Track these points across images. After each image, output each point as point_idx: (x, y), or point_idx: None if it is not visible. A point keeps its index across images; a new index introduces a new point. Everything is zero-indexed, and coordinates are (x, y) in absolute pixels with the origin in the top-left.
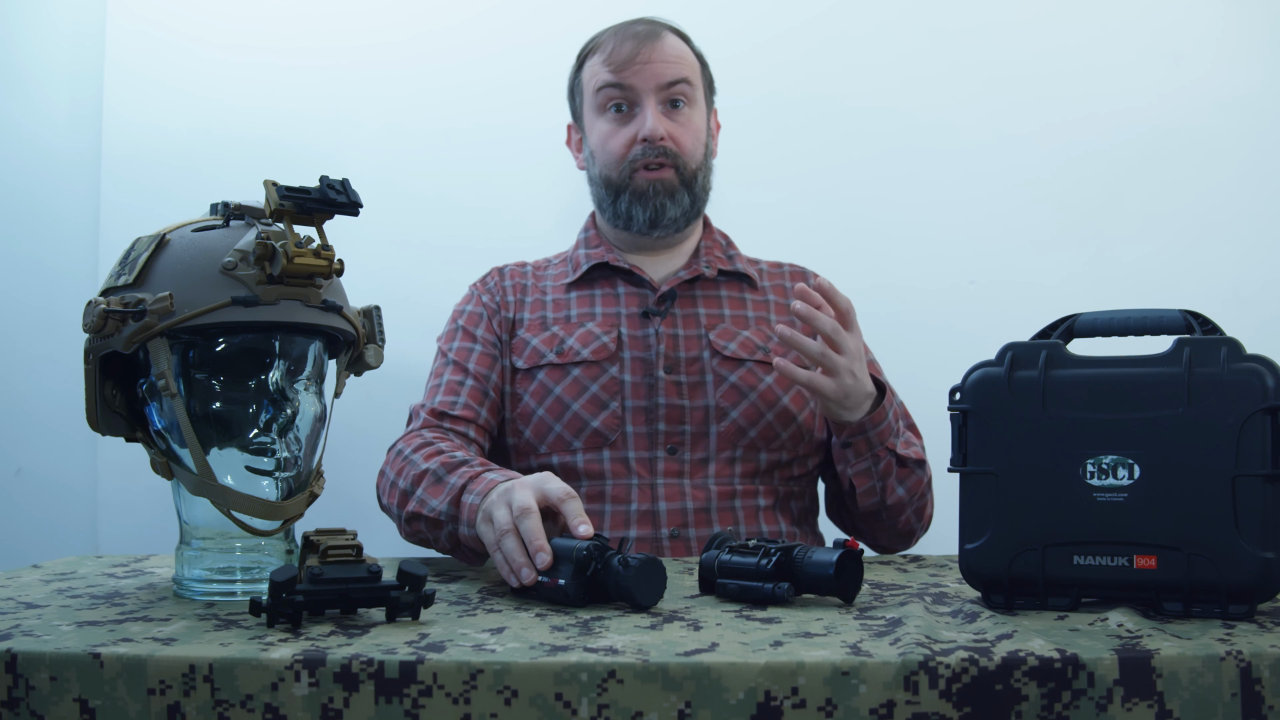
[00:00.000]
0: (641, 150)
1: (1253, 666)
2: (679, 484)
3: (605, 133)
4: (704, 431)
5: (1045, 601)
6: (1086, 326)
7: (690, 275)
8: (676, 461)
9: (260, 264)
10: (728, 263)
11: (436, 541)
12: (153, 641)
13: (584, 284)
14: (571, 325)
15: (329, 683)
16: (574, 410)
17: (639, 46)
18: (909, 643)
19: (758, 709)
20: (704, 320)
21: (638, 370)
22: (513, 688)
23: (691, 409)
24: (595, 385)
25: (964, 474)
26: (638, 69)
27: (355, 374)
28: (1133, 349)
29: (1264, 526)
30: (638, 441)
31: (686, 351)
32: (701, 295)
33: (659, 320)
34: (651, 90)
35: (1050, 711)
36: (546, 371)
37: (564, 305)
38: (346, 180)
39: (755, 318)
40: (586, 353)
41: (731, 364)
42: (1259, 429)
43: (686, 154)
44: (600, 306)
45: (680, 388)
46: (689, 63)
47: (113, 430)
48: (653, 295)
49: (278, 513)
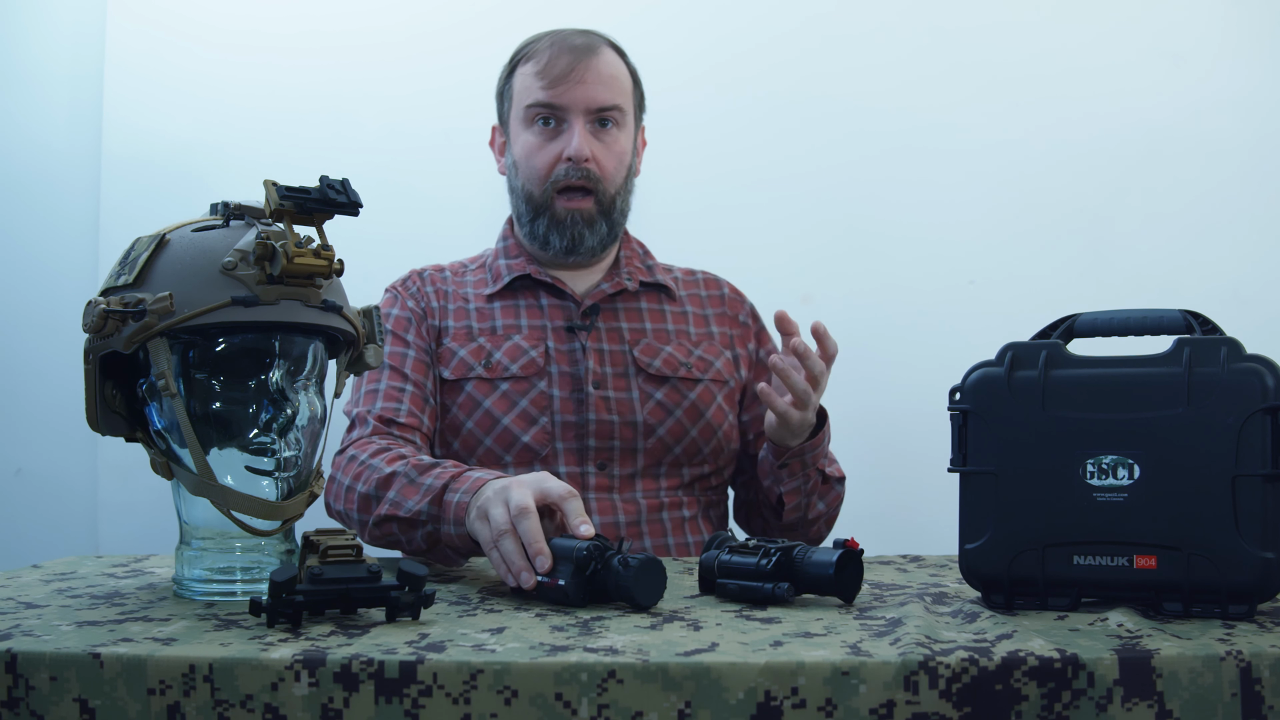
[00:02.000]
0: (565, 169)
1: (1253, 666)
2: (610, 498)
3: (530, 146)
4: (632, 447)
5: (1045, 601)
6: (1086, 326)
7: (613, 289)
8: (606, 476)
9: (260, 264)
10: (647, 274)
11: (410, 542)
12: (153, 641)
13: (507, 294)
14: (498, 337)
15: (329, 683)
16: (504, 425)
17: (574, 62)
18: (909, 643)
19: (758, 709)
20: (627, 335)
21: (566, 385)
22: (513, 688)
23: (621, 424)
24: (524, 400)
25: (964, 474)
26: (569, 88)
27: (355, 374)
28: (1133, 349)
29: (1264, 526)
30: (568, 457)
31: (613, 367)
32: (623, 308)
33: (585, 335)
34: (581, 111)
35: (1050, 711)
36: (475, 384)
37: (488, 315)
38: (346, 180)
39: (675, 330)
40: (515, 368)
41: (656, 381)
42: (1259, 429)
43: (608, 178)
44: (525, 318)
45: (609, 403)
46: (620, 85)
47: (113, 430)
48: (575, 309)
49: (278, 513)
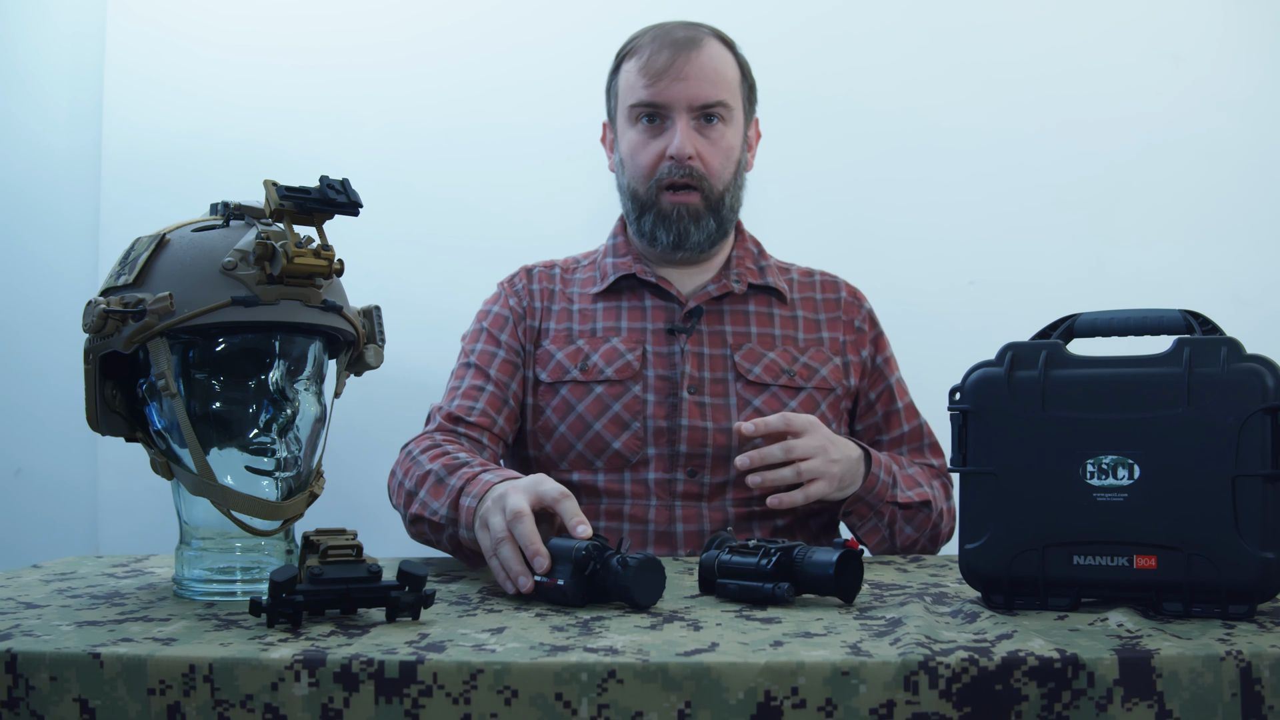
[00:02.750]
0: (669, 168)
1: (1253, 666)
2: (697, 507)
3: (634, 143)
4: (725, 455)
5: (1045, 601)
6: (1086, 326)
7: (719, 292)
8: (696, 484)
9: (260, 264)
10: (758, 275)
11: (439, 543)
12: (153, 641)
13: (611, 294)
14: (597, 340)
15: (329, 683)
16: (595, 430)
17: (675, 56)
18: (909, 643)
19: (758, 709)
20: (730, 339)
21: (661, 390)
22: (513, 688)
23: (715, 432)
24: (618, 405)
25: (964, 474)
26: (670, 84)
27: (355, 374)
28: (1133, 349)
29: (1264, 526)
30: (658, 463)
31: (711, 372)
32: (729, 311)
33: (684, 338)
34: (683, 108)
35: (1050, 711)
36: (569, 388)
37: (590, 317)
38: (346, 180)
39: (782, 336)
40: (610, 371)
41: (756, 388)
42: (1259, 429)
43: (714, 175)
44: (626, 320)
45: (704, 409)
46: (725, 80)
47: (113, 430)
48: (679, 310)
49: (278, 513)
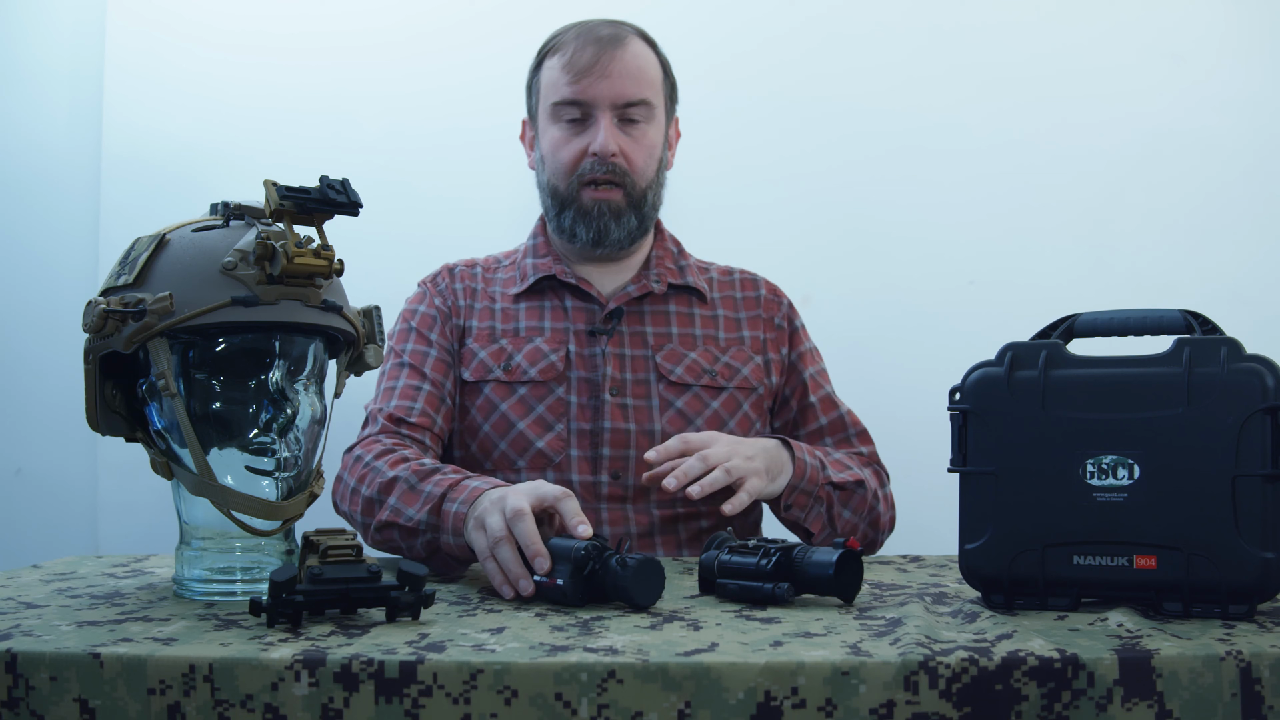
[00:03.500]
0: (591, 164)
1: (1253, 666)
2: (622, 509)
3: (556, 140)
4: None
5: (1045, 601)
6: (1086, 326)
7: (639, 292)
8: (620, 487)
9: (260, 264)
10: (678, 274)
11: (410, 550)
12: (153, 641)
13: (533, 295)
14: (520, 340)
15: (329, 683)
16: (519, 429)
17: (599, 53)
18: (909, 643)
19: (758, 709)
20: (651, 340)
21: (584, 392)
22: (513, 688)
23: (637, 433)
24: (541, 406)
25: (964, 474)
26: (594, 81)
27: (355, 374)
28: (1133, 349)
29: (1264, 526)
30: (581, 465)
31: (633, 373)
32: (650, 311)
33: (605, 340)
34: (607, 106)
35: (1050, 711)
36: (493, 387)
37: (512, 316)
38: (346, 180)
39: (703, 335)
40: (534, 372)
41: (677, 389)
42: (1259, 429)
43: (637, 172)
44: (549, 320)
45: (626, 411)
46: (649, 78)
47: (113, 430)
48: (600, 311)
49: (278, 513)
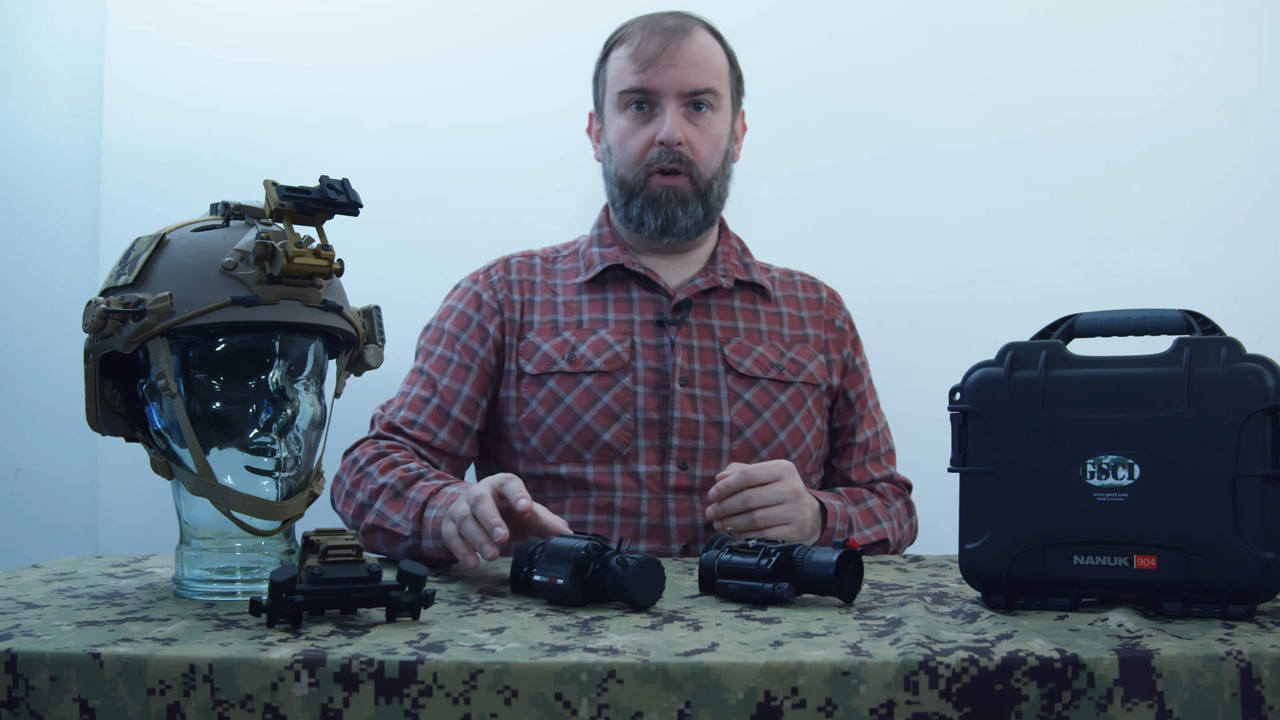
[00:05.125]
0: (658, 153)
1: (1253, 666)
2: (690, 500)
3: (623, 130)
4: (717, 448)
5: (1045, 601)
6: (1086, 326)
7: (707, 285)
8: (688, 477)
9: (260, 264)
10: (743, 271)
11: (394, 554)
12: (153, 641)
13: (596, 285)
14: (584, 331)
15: (329, 683)
16: (585, 421)
17: (666, 43)
18: (909, 643)
19: (758, 709)
20: (718, 332)
21: (651, 382)
22: (513, 688)
23: (706, 424)
24: (607, 396)
25: (964, 474)
26: (661, 70)
27: (355, 374)
28: (1133, 349)
29: (1264, 526)
30: (649, 455)
31: (701, 365)
32: (716, 305)
33: (674, 330)
34: (673, 94)
35: (1050, 711)
36: (557, 379)
37: (576, 308)
38: (346, 180)
39: (769, 331)
40: (599, 362)
41: (746, 381)
42: (1259, 429)
43: (703, 162)
44: (613, 311)
45: (695, 401)
46: (715, 69)
47: (113, 430)
48: (667, 302)
49: (278, 513)
